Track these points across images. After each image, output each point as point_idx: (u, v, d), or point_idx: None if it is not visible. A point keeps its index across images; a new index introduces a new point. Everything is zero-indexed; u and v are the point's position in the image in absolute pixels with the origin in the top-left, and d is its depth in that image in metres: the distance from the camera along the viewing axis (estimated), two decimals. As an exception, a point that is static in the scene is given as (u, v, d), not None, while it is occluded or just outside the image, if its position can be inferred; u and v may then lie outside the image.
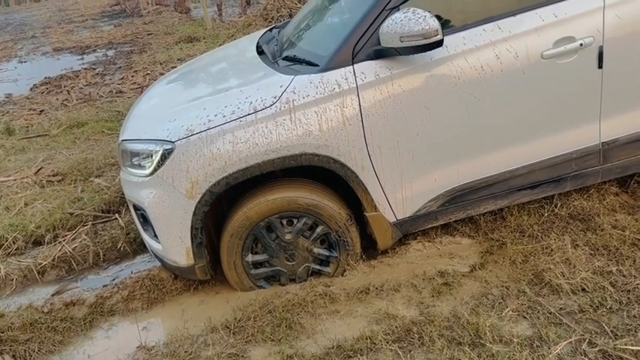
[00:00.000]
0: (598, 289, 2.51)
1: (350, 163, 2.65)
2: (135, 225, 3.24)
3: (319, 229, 2.81)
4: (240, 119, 2.59)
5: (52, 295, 3.20)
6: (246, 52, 3.42)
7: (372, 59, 2.59)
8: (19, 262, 3.46)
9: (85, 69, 8.97)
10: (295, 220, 2.80)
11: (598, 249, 2.76)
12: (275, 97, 2.60)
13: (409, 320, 2.50)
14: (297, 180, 2.81)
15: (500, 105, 2.69)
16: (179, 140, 2.63)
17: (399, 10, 2.50)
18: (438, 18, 2.42)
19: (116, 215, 3.84)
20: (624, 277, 2.56)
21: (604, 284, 2.53)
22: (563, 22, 2.62)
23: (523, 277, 2.67)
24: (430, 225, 2.94)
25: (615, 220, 2.95)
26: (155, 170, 2.68)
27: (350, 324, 2.57)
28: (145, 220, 2.87)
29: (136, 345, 2.68)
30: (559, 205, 3.12)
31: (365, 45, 2.58)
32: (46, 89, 7.93)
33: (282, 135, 2.57)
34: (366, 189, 2.72)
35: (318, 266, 2.93)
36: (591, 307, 2.43)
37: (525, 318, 2.43)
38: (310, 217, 2.78)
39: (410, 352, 2.35)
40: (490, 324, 2.38)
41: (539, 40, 2.62)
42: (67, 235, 3.66)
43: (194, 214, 2.67)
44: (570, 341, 2.26)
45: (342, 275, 2.89)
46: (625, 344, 2.20)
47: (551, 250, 2.79)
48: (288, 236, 2.81)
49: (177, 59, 8.43)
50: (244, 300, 2.83)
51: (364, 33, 2.58)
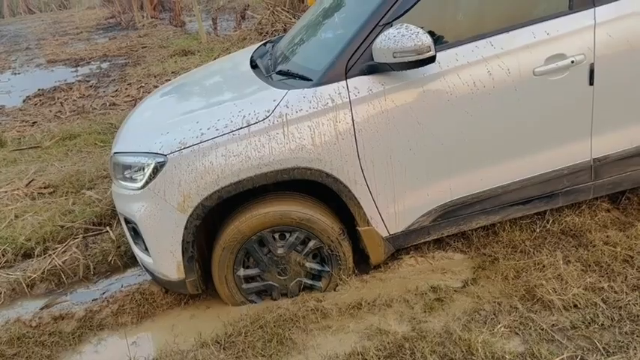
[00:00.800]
0: (590, 305, 2.51)
1: (343, 177, 2.65)
2: (126, 238, 3.21)
3: (311, 243, 2.81)
4: (233, 133, 2.59)
5: (41, 309, 3.17)
6: (240, 66, 3.42)
7: (365, 74, 2.60)
8: (7, 275, 3.42)
9: (79, 81, 8.93)
10: (287, 234, 2.79)
11: (590, 265, 2.77)
12: (268, 111, 2.60)
13: (401, 336, 2.49)
14: (290, 194, 2.81)
15: (493, 121, 2.71)
16: (171, 153, 2.62)
17: (392, 26, 2.51)
18: (430, 34, 2.44)
19: (107, 228, 3.81)
20: (616, 293, 2.56)
21: (596, 300, 2.53)
22: (554, 39, 2.65)
23: (515, 292, 2.67)
24: (423, 240, 2.94)
25: (607, 236, 2.95)
26: (147, 183, 2.67)
27: (342, 339, 2.55)
28: (136, 234, 2.85)
29: (125, 360, 2.65)
30: (551, 221, 3.13)
31: (358, 60, 2.59)
32: (39, 101, 7.88)
33: (274, 149, 2.57)
34: (359, 203, 2.72)
35: (310, 281, 2.91)
36: (583, 323, 2.42)
37: (517, 334, 2.43)
38: (303, 231, 2.77)
39: (402, 368, 2.33)
40: (482, 340, 2.37)
41: (530, 57, 2.64)
42: (57, 248, 3.62)
43: (185, 227, 2.65)
44: (562, 358, 2.26)
45: (334, 290, 2.88)
46: (617, 361, 2.20)
47: (543, 266, 2.79)
48: (280, 250, 2.80)
49: (172, 72, 8.42)
50: (235, 315, 2.81)
51: (357, 48, 2.59)
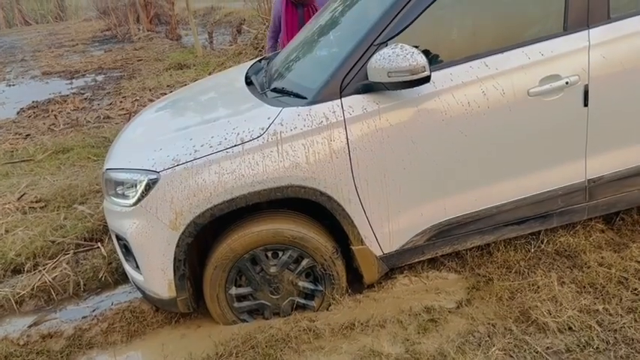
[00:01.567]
0: (585, 328, 2.49)
1: (337, 196, 2.63)
2: (117, 254, 3.18)
3: (305, 262, 2.78)
4: (227, 150, 2.57)
5: (29, 327, 3.12)
6: (235, 83, 3.41)
7: (359, 93, 2.59)
8: (-4, 291, 3.38)
9: (74, 94, 8.91)
10: (280, 253, 2.76)
11: (584, 286, 2.75)
12: (262, 129, 2.59)
13: (394, 358, 2.46)
14: (283, 212, 2.78)
15: (487, 141, 2.70)
16: (164, 170, 2.60)
17: (387, 46, 2.51)
18: (425, 54, 2.44)
19: (98, 244, 3.77)
20: (611, 315, 2.55)
21: (591, 323, 2.51)
22: (549, 60, 2.66)
23: (509, 314, 2.65)
24: (417, 259, 2.92)
25: (601, 258, 2.94)
26: (139, 200, 2.64)
27: (334, 361, 2.52)
28: (128, 251, 2.82)
29: (114, 380, 2.61)
30: (545, 241, 3.11)
31: (353, 79, 2.59)
32: (33, 113, 7.85)
33: (268, 167, 2.55)
34: (353, 222, 2.70)
35: (302, 300, 2.88)
36: (578, 346, 2.40)
37: (512, 357, 2.40)
38: (296, 249, 2.74)
39: (395, 391, 2.30)
40: (476, 363, 2.35)
41: (525, 78, 2.64)
42: (47, 264, 3.58)
43: (177, 245, 2.62)
44: (557, 382, 2.24)
45: (327, 310, 2.84)
46: (612, 386, 2.18)
47: (538, 287, 2.77)
48: (272, 269, 2.77)
49: (167, 86, 8.43)
50: (227, 334, 2.77)
51: (352, 67, 2.59)
